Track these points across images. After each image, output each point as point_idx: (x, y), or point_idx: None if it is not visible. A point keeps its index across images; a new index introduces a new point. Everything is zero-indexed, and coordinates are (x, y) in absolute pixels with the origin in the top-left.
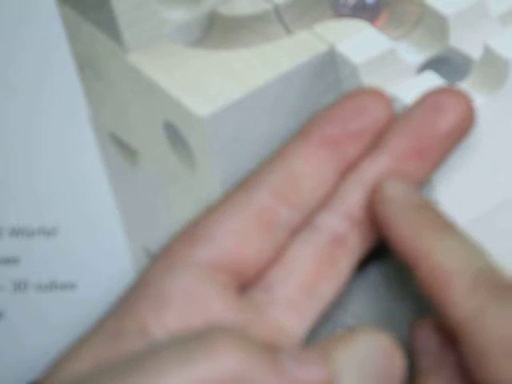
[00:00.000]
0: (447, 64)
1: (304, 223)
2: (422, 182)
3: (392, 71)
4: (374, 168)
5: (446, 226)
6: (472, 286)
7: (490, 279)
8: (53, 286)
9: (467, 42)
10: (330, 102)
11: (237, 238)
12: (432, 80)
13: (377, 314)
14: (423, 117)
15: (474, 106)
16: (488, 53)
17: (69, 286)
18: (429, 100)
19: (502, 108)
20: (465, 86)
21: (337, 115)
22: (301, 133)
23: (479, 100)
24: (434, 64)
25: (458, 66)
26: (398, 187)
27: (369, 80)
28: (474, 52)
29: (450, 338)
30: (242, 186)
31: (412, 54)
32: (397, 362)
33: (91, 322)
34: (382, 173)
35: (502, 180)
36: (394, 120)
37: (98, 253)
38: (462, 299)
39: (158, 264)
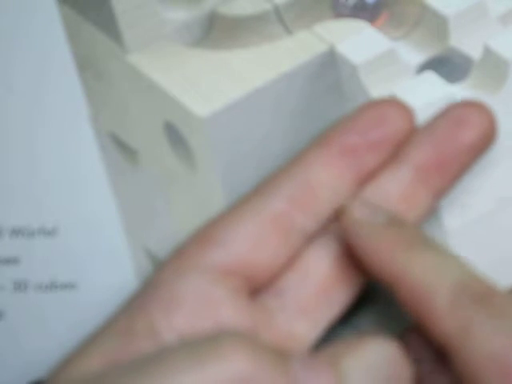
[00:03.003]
0: (447, 64)
1: (320, 231)
2: (442, 195)
3: (392, 71)
4: (395, 179)
5: (419, 241)
6: (453, 299)
7: (471, 289)
8: (53, 286)
9: (467, 42)
10: (350, 112)
11: (250, 243)
12: (432, 80)
13: (380, 316)
14: (445, 130)
15: (496, 121)
16: (488, 53)
17: (69, 287)
18: (452, 113)
19: (501, 108)
20: (465, 86)
21: (357, 124)
22: (320, 141)
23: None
24: (434, 64)
25: (458, 66)
26: (363, 208)
27: (369, 80)
28: (474, 52)
29: None
30: (258, 191)
31: (412, 54)
32: (404, 371)
33: (91, 322)
34: (402, 184)
35: (502, 180)
36: (414, 131)
37: (98, 253)
38: (444, 315)
39: (170, 266)
